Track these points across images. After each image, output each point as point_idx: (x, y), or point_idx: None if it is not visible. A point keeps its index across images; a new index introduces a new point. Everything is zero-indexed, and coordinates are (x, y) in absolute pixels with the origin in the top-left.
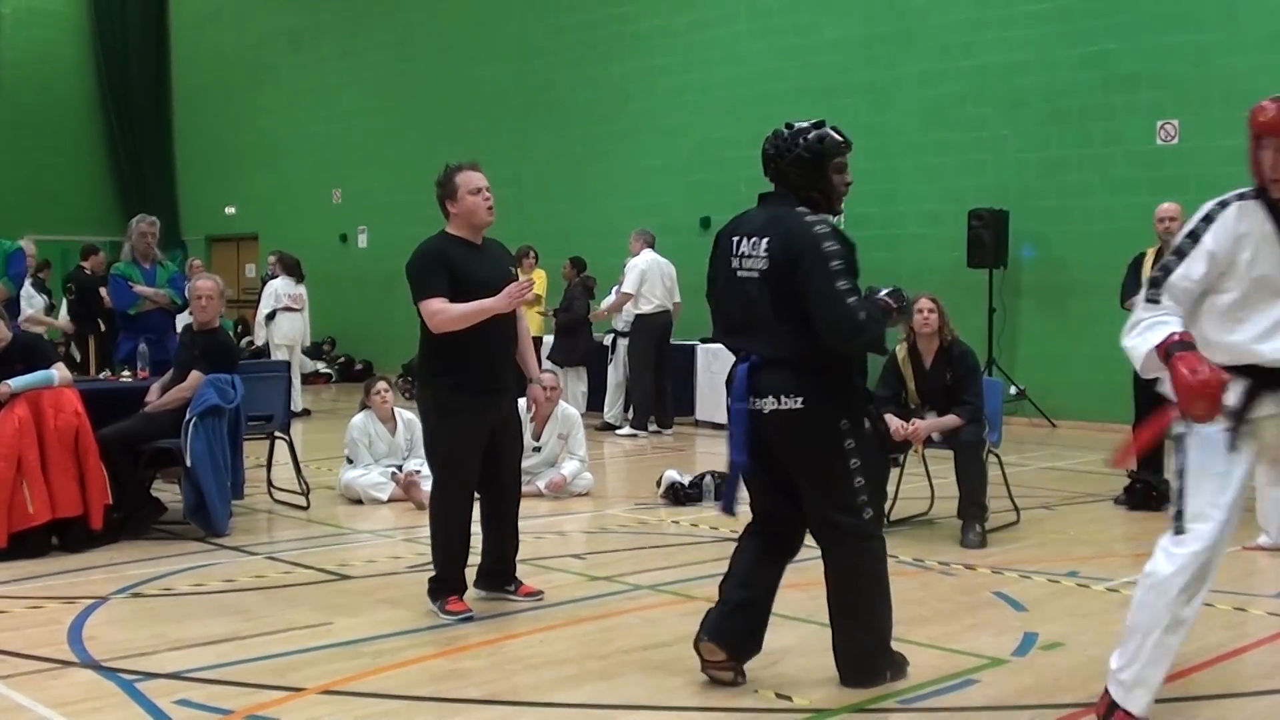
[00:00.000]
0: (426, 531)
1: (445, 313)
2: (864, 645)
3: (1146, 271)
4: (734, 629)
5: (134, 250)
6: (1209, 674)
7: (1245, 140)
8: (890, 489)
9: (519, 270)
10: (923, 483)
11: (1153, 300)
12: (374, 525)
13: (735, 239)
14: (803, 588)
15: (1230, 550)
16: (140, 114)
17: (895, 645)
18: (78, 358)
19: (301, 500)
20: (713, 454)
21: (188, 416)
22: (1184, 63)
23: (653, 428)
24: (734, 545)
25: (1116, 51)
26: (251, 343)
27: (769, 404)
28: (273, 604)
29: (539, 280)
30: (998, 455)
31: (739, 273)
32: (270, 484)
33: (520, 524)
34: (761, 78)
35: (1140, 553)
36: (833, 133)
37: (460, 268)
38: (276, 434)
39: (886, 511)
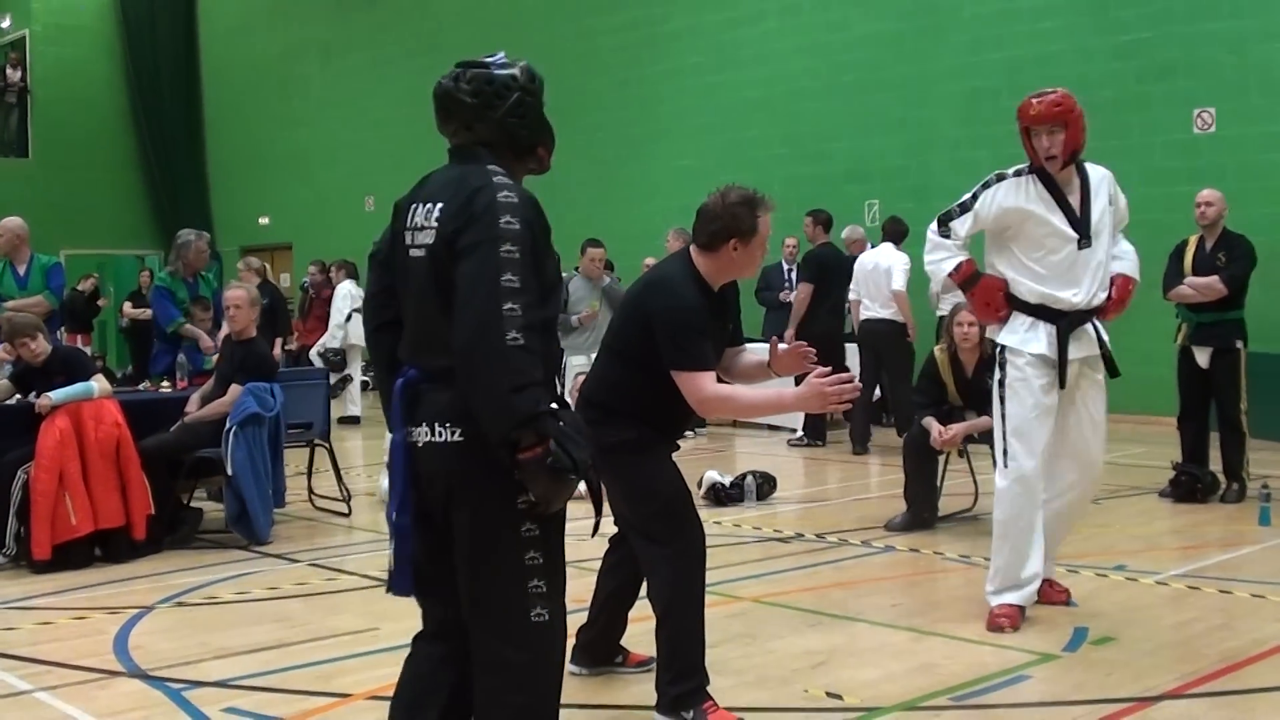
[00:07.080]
0: None
1: (733, 400)
2: None
3: (1188, 260)
4: None
5: (181, 264)
6: (1264, 665)
7: None
8: (938, 484)
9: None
10: (966, 479)
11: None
12: None
13: (413, 207)
14: (847, 586)
15: (1275, 542)
16: (172, 127)
17: (945, 642)
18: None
19: (343, 507)
20: (752, 454)
21: (228, 426)
22: (1219, 50)
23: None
24: (777, 545)
25: (1150, 40)
26: (291, 350)
27: (423, 434)
28: (317, 611)
29: None
30: None
31: (411, 251)
32: (311, 491)
33: None
34: (793, 76)
35: (1187, 545)
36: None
37: (707, 330)
38: (316, 441)
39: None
